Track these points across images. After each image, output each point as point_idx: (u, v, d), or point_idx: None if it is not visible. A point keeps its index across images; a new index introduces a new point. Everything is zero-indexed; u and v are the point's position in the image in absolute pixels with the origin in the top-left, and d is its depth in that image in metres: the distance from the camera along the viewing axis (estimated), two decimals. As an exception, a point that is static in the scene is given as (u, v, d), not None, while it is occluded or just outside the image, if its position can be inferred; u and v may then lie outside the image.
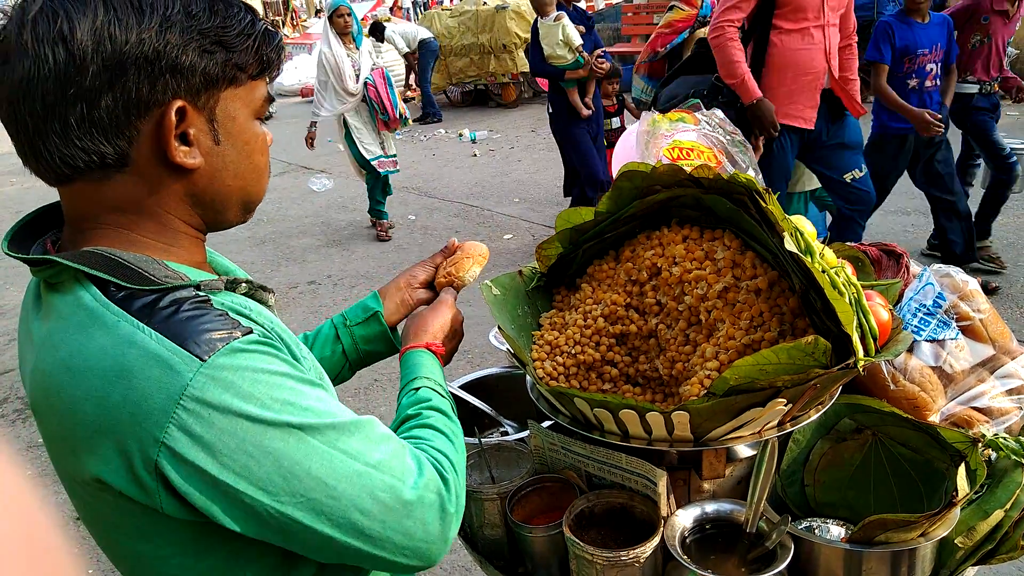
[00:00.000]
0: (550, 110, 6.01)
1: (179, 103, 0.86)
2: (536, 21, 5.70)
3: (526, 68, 11.48)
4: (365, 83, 6.25)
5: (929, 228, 5.26)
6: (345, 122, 6.39)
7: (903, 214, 5.66)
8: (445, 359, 1.28)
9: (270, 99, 0.99)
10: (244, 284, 0.97)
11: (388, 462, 0.90)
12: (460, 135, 10.56)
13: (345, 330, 1.41)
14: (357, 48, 6.29)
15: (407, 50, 11.21)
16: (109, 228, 0.90)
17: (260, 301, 1.01)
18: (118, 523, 0.89)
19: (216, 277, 0.94)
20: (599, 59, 5.64)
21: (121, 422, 0.80)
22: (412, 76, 12.03)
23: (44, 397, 0.86)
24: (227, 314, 0.87)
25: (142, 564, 0.92)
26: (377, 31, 11.17)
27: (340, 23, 6.17)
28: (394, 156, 6.67)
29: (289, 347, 0.94)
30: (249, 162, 0.96)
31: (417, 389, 1.13)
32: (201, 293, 0.88)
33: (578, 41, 5.57)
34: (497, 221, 6.87)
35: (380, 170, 6.53)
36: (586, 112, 5.74)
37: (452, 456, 1.01)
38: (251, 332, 0.86)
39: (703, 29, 4.80)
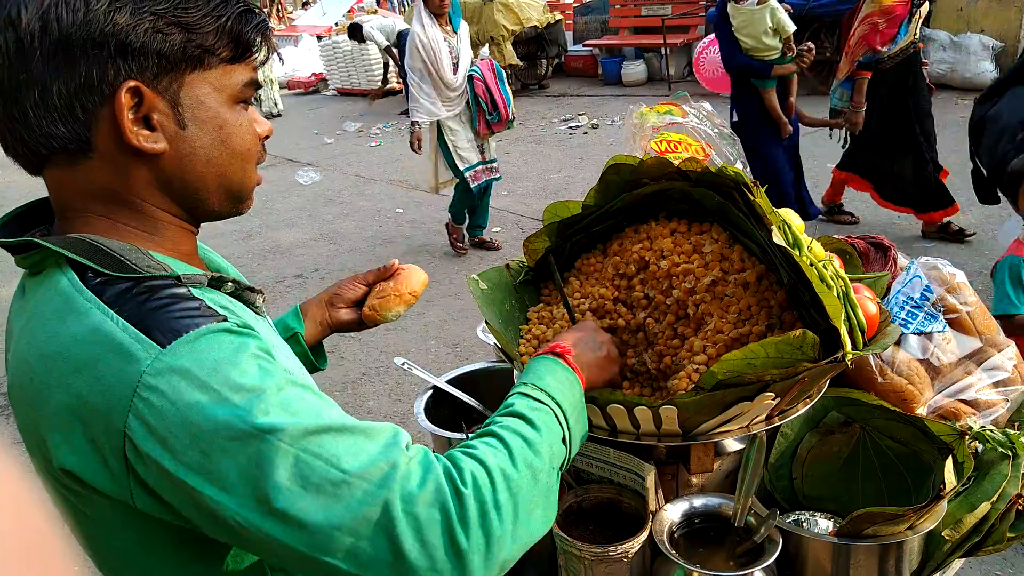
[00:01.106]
0: (735, 118, 4.88)
1: (131, 83, 0.83)
2: (725, 5, 4.65)
3: (514, 61, 11.46)
4: (470, 77, 5.23)
5: (917, 220, 5.29)
6: (438, 122, 5.37)
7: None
8: (585, 376, 1.07)
9: (254, 84, 0.94)
10: (231, 283, 0.94)
11: (377, 469, 0.79)
12: (448, 128, 10.52)
13: None
14: (455, 32, 5.18)
15: (386, 43, 11.10)
16: (92, 217, 0.89)
17: (248, 302, 0.99)
18: (91, 518, 0.86)
19: (202, 272, 0.91)
20: (807, 50, 4.58)
21: (89, 411, 0.78)
22: (393, 70, 11.93)
23: (19, 385, 0.85)
24: (202, 303, 0.83)
25: (124, 566, 0.90)
26: (356, 33, 11.02)
27: (435, 2, 5.08)
28: (495, 161, 5.66)
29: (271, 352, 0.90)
30: (224, 148, 0.91)
31: (510, 395, 0.98)
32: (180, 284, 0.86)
33: (792, 28, 4.52)
34: (485, 214, 6.85)
35: (475, 183, 5.49)
36: (787, 124, 4.74)
37: (495, 470, 0.83)
38: (225, 320, 0.82)
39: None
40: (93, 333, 0.79)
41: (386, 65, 11.97)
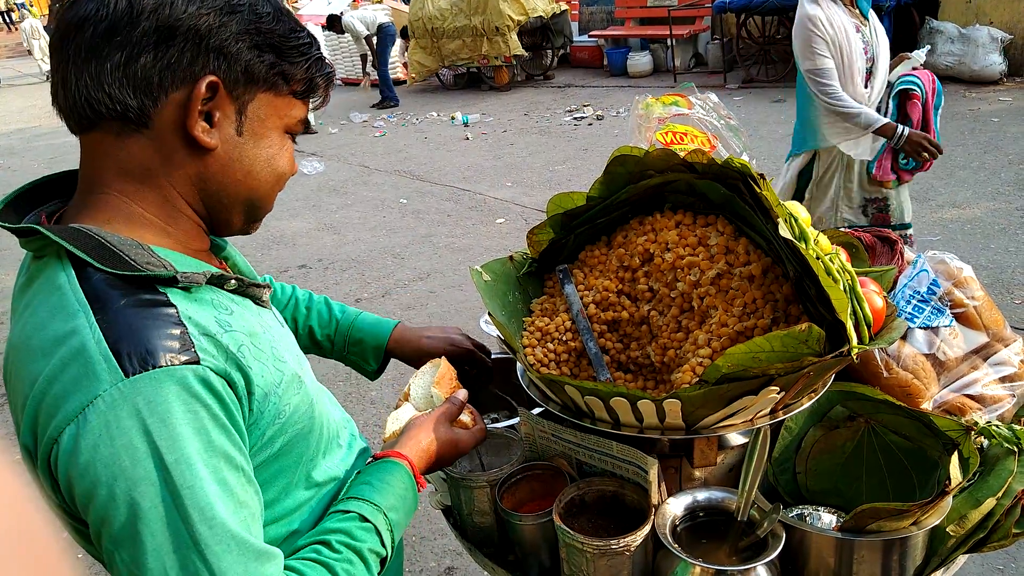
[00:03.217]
0: None
1: (212, 79, 0.88)
2: None
3: (519, 51, 11.42)
4: (901, 92, 3.20)
5: (923, 214, 5.26)
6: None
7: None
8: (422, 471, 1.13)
9: (305, 123, 1.03)
10: (234, 281, 0.96)
11: None
12: (452, 118, 10.49)
13: (346, 330, 1.47)
14: (865, 18, 3.21)
15: (367, 33, 11.00)
16: (114, 196, 0.91)
17: (254, 298, 1.00)
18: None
19: (201, 271, 0.91)
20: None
21: (43, 407, 0.80)
22: (368, 62, 11.86)
23: (8, 367, 0.88)
24: (186, 330, 0.84)
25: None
26: (335, 24, 10.89)
27: None
28: (908, 228, 3.46)
29: (262, 354, 0.91)
30: (266, 166, 0.98)
31: (349, 513, 1.00)
32: (174, 297, 0.86)
33: None
34: (489, 205, 6.84)
35: None
36: None
37: None
38: (197, 362, 0.82)
39: None
40: (72, 337, 0.81)
41: (364, 56, 11.90)
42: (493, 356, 1.75)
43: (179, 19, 0.86)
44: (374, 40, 11.43)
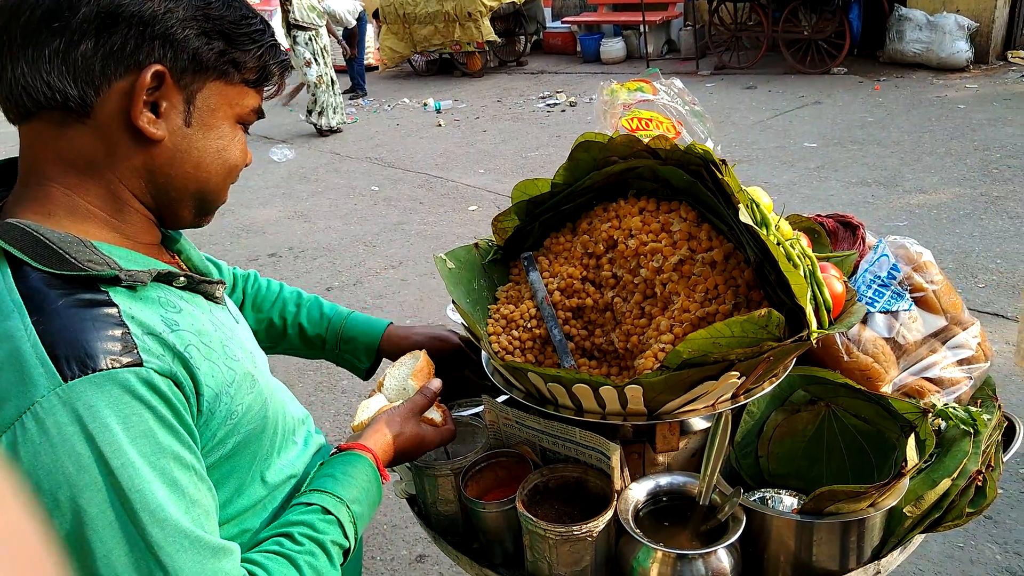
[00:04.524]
0: None
1: (158, 67, 0.85)
2: None
3: (492, 37, 11.35)
4: None
5: (891, 199, 5.34)
6: None
7: (864, 185, 5.72)
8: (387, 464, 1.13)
9: (259, 112, 1.00)
10: (183, 278, 0.93)
11: None
12: (424, 105, 10.41)
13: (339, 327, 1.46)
14: None
15: (353, 25, 10.79)
16: (56, 188, 0.87)
17: (207, 295, 0.97)
18: None
19: (147, 269, 0.88)
20: None
21: None
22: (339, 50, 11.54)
23: None
24: (128, 331, 0.81)
25: None
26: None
27: None
28: None
29: (212, 352, 0.88)
30: (216, 158, 0.94)
31: (312, 506, 0.99)
32: (117, 296, 0.83)
33: None
34: (461, 192, 6.81)
35: None
36: None
37: None
38: (139, 364, 0.79)
39: None
40: (5, 341, 0.77)
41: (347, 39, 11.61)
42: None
43: (122, 4, 0.82)
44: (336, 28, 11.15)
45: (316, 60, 8.98)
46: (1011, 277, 4.22)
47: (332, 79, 9.25)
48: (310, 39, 8.88)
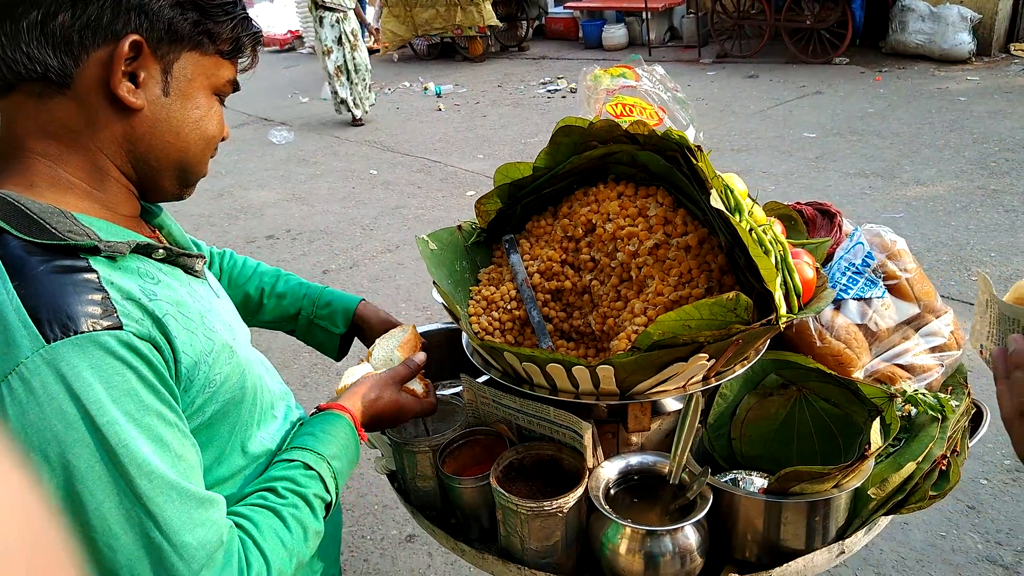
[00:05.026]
0: None
1: (135, 37, 0.87)
2: None
3: (494, 21, 11.30)
4: None
5: (888, 191, 5.34)
6: None
7: (862, 176, 5.72)
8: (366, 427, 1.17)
9: (234, 85, 1.02)
10: (162, 250, 0.95)
11: (193, 549, 0.83)
12: (425, 89, 10.39)
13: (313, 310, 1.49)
14: None
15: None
16: (37, 159, 0.89)
17: (186, 268, 1.00)
18: None
19: (126, 241, 0.90)
20: None
21: None
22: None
23: None
24: (107, 296, 0.83)
25: None
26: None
27: None
28: None
29: (191, 322, 0.91)
30: (195, 127, 0.97)
31: (294, 462, 1.03)
32: (96, 264, 0.85)
33: None
34: (460, 177, 6.82)
35: None
36: None
37: (274, 564, 0.93)
38: (119, 327, 0.81)
39: None
40: None
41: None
42: (444, 327, 1.77)
43: None
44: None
45: (342, 42, 8.53)
46: (1004, 270, 4.24)
47: (361, 65, 8.73)
48: (337, 20, 8.46)
